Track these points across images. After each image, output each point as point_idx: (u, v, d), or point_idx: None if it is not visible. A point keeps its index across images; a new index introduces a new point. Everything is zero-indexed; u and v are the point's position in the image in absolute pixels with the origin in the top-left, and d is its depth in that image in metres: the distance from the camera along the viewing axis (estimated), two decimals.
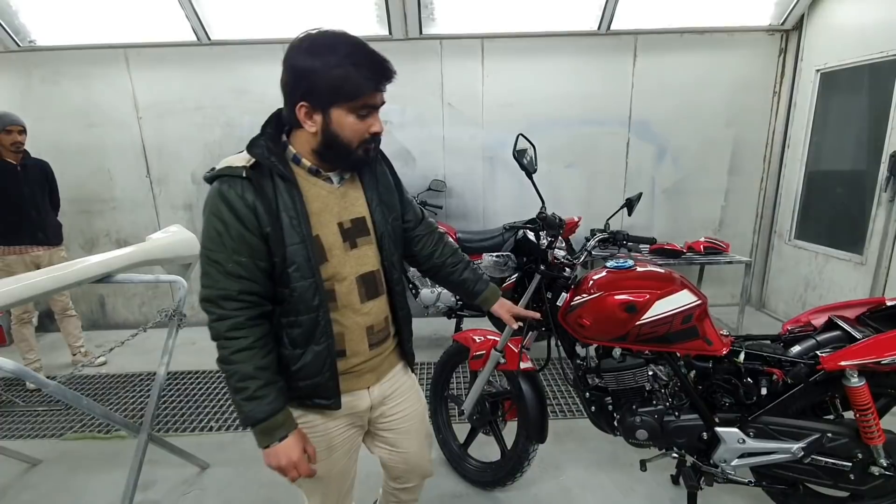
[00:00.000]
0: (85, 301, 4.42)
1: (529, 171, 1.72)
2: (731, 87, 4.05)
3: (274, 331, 1.11)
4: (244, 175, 1.02)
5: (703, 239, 3.82)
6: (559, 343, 1.86)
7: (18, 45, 3.91)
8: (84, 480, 2.36)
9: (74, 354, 3.66)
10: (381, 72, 1.02)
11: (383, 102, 1.08)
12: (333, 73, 0.98)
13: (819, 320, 1.76)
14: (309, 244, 1.05)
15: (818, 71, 3.71)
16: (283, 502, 2.11)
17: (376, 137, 1.10)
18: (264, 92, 3.86)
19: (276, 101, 1.10)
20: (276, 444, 1.06)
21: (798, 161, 3.94)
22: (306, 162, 1.10)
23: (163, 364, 2.11)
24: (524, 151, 1.72)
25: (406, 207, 1.34)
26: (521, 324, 1.57)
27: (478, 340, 2.06)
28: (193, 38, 3.84)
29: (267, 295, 1.08)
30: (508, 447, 2.09)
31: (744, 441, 1.66)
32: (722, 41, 3.97)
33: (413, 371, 1.40)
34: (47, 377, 1.84)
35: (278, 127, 1.11)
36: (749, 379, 1.67)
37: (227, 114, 4.01)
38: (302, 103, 1.02)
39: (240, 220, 1.01)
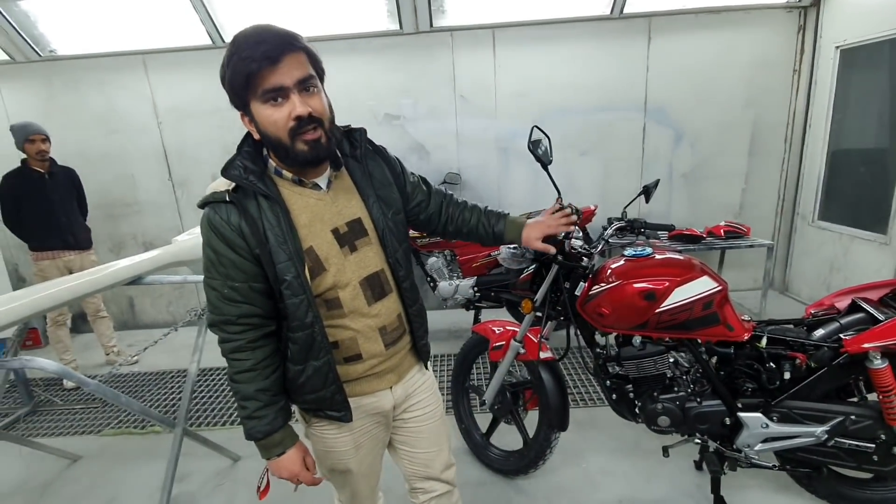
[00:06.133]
0: (115, 303, 4.56)
1: (545, 162, 1.72)
2: (750, 67, 3.96)
3: (281, 346, 1.12)
4: (227, 199, 1.01)
5: (723, 223, 3.77)
6: (578, 332, 1.87)
7: (39, 55, 4.02)
8: (123, 474, 2.47)
9: (108, 354, 3.79)
10: (259, 47, 0.92)
11: (305, 78, 0.97)
12: (229, 72, 0.96)
13: (843, 303, 1.75)
14: (297, 261, 1.02)
15: (838, 48, 3.61)
16: (312, 494, 2.17)
17: (304, 122, 0.97)
18: None
19: None
20: (275, 459, 1.12)
21: (820, 141, 3.85)
22: (287, 173, 1.07)
23: (194, 361, 2.19)
24: (539, 143, 1.72)
25: (414, 192, 1.31)
26: (555, 249, 1.47)
27: (497, 331, 2.08)
28: (209, 41, 3.91)
29: (268, 315, 1.07)
30: (530, 436, 2.12)
31: (767, 426, 1.66)
32: (738, 20, 3.88)
33: (427, 367, 1.35)
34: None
35: (258, 143, 1.07)
36: (772, 364, 1.67)
37: None
38: (241, 114, 1.02)
39: (228, 245, 1.01)
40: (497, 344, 2.04)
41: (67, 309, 3.54)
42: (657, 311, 1.66)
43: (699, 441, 1.81)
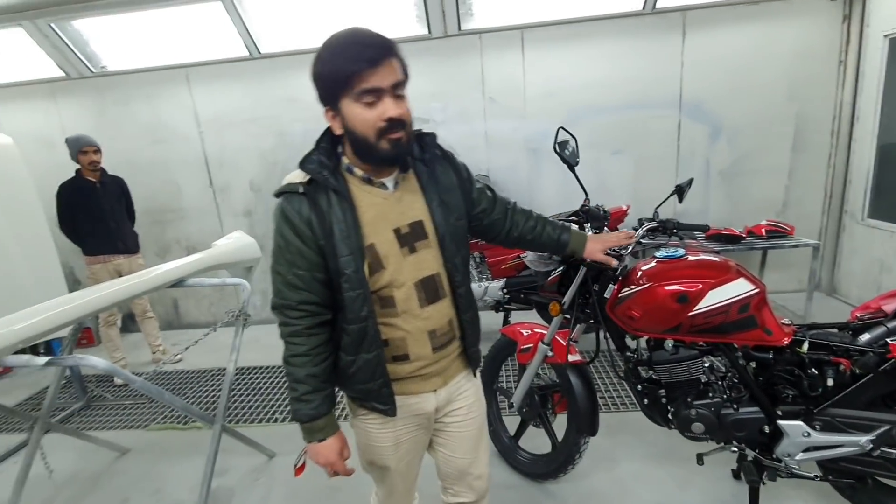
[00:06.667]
0: (161, 304, 4.79)
1: (571, 163, 1.71)
2: (792, 58, 3.81)
3: (335, 336, 1.16)
4: (301, 191, 1.07)
5: (765, 222, 3.63)
6: (608, 335, 1.84)
7: (92, 71, 4.28)
8: (167, 467, 2.59)
9: (154, 353, 3.98)
10: (361, 49, 0.99)
11: (398, 82, 1.02)
12: (327, 68, 1.01)
13: (891, 306, 1.65)
14: (357, 256, 1.07)
15: (886, 36, 3.42)
16: (346, 489, 2.22)
17: (394, 123, 1.02)
18: (312, 100, 3.95)
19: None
20: (315, 444, 1.18)
21: (869, 134, 3.66)
22: (359, 171, 1.12)
23: (231, 360, 2.27)
24: (565, 144, 1.71)
25: (480, 199, 1.34)
26: (618, 262, 1.57)
27: (525, 334, 2.07)
28: (246, 53, 4.06)
29: (326, 304, 1.12)
30: (559, 440, 2.10)
31: (809, 434, 1.58)
32: (779, 10, 3.74)
33: (475, 374, 1.36)
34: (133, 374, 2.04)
35: (334, 140, 1.13)
36: (814, 369, 1.60)
37: (279, 122, 4.21)
38: (326, 108, 1.07)
39: (297, 234, 1.07)
40: (525, 346, 2.03)
41: (117, 310, 3.73)
42: (690, 314, 1.61)
43: (736, 449, 1.75)
